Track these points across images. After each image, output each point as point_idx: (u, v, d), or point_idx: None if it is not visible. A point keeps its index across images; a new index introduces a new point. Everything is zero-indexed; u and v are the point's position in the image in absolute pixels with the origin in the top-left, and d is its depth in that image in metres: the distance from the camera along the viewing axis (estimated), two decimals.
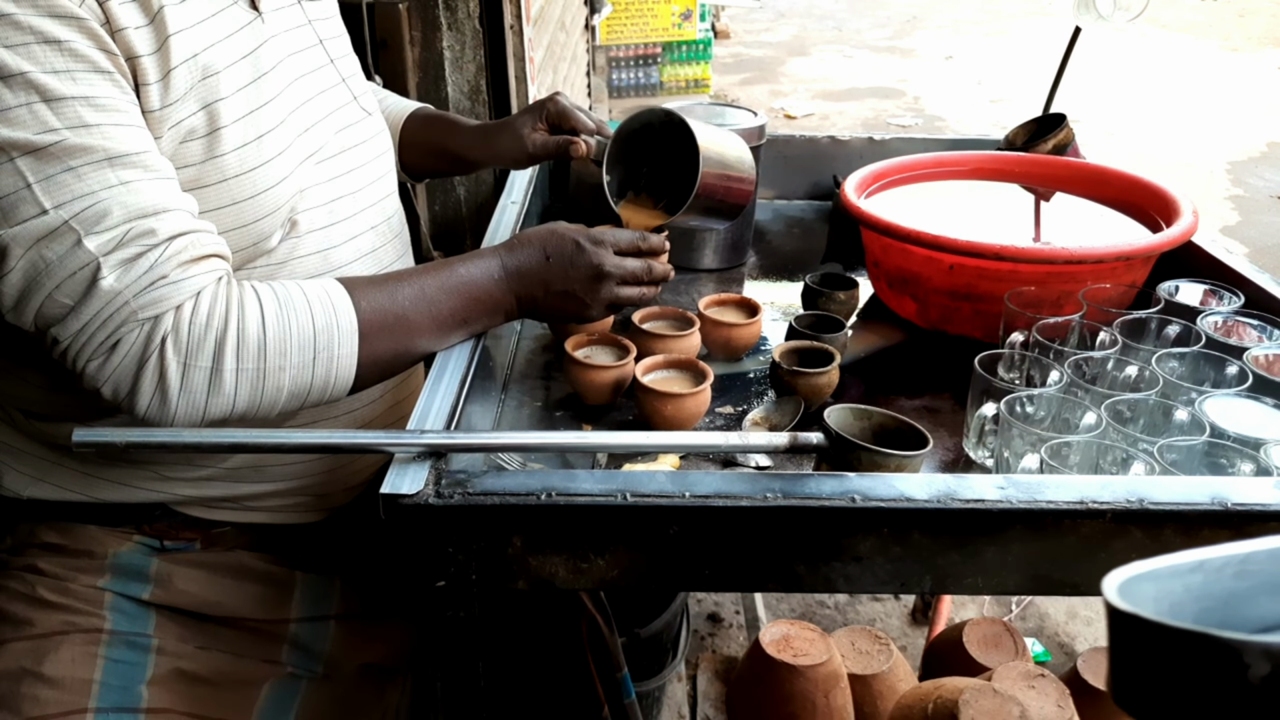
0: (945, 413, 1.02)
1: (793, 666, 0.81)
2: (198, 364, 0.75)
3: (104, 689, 0.86)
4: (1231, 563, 0.32)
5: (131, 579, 0.92)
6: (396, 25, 1.43)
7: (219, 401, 0.77)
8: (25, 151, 0.69)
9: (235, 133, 0.82)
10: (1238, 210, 4.84)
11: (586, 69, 4.32)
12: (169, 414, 0.76)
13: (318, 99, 0.95)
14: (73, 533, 0.92)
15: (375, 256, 1.01)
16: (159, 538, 0.93)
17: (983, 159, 1.41)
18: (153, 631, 0.91)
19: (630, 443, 0.86)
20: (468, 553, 0.72)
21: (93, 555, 0.91)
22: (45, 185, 0.70)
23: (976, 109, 6.66)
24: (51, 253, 0.70)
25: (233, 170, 0.82)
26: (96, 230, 0.71)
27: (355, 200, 0.98)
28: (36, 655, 0.86)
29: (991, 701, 0.68)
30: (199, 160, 0.80)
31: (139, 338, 0.73)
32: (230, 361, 0.76)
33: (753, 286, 1.38)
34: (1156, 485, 0.72)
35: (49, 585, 0.90)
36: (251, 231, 0.85)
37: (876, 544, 0.72)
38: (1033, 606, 2.22)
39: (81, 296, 0.71)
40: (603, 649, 1.19)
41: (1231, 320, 1.02)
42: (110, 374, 0.74)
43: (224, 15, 0.84)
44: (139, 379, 0.74)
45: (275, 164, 0.85)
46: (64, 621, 0.88)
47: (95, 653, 0.88)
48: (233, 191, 0.82)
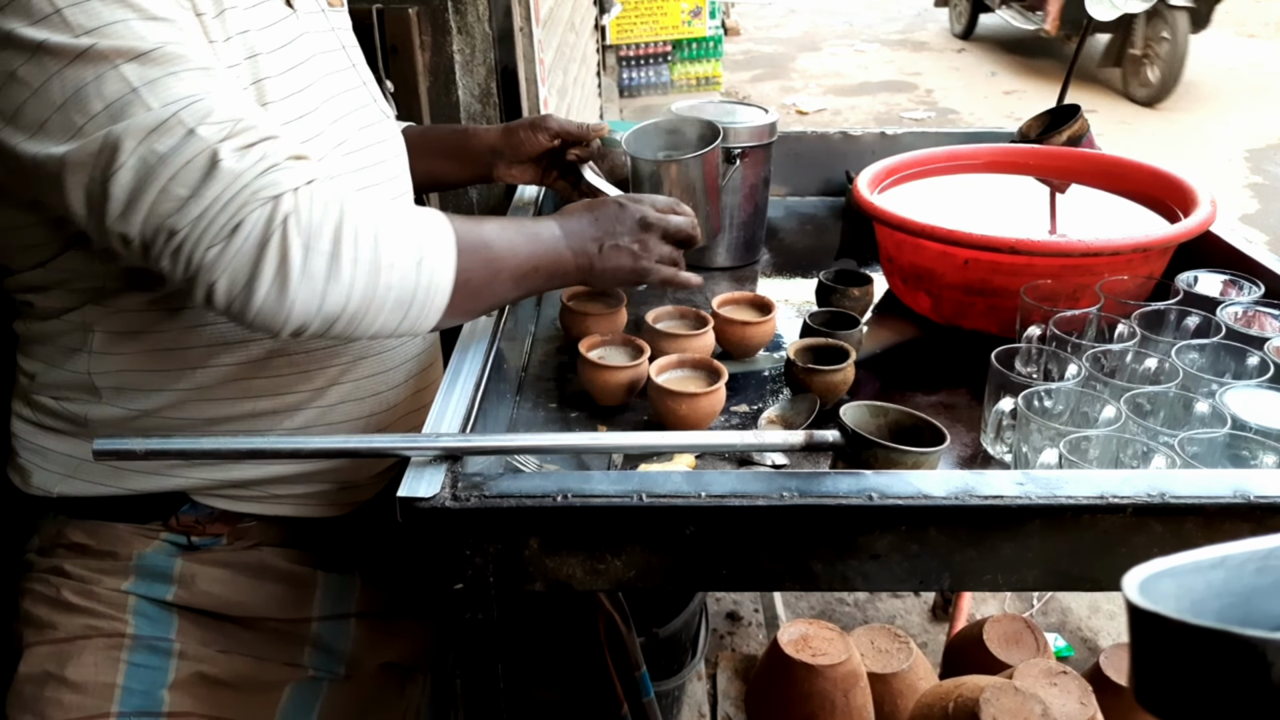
0: (962, 408, 1.01)
1: (811, 666, 0.81)
2: (319, 248, 0.74)
3: (126, 693, 0.87)
4: (1254, 559, 0.32)
5: (155, 580, 0.92)
6: (406, 30, 1.43)
7: (336, 291, 0.75)
8: (128, 58, 0.71)
9: (282, 110, 0.84)
10: (1257, 198, 4.79)
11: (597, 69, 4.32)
12: (287, 302, 0.73)
13: (344, 96, 0.97)
14: (99, 532, 0.92)
15: None
16: (186, 533, 0.94)
17: (996, 152, 1.40)
18: (174, 635, 0.92)
19: (645, 443, 0.86)
20: (485, 555, 0.73)
21: (117, 556, 0.92)
22: (151, 87, 0.71)
23: (990, 101, 6.62)
24: (163, 145, 0.70)
25: None
26: (207, 122, 0.72)
27: (379, 192, 1.00)
28: (60, 659, 0.87)
29: (1013, 700, 0.68)
30: None
31: (260, 218, 0.72)
32: (349, 249, 0.75)
33: (766, 284, 1.38)
34: (1177, 479, 0.71)
35: (73, 588, 0.90)
36: None
37: (894, 542, 0.71)
38: (1055, 601, 2.20)
39: (200, 182, 0.71)
40: (621, 648, 1.19)
41: (1252, 310, 1.01)
42: (230, 261, 0.72)
43: (266, 6, 0.87)
44: (260, 263, 0.72)
45: (315, 145, 0.88)
46: (87, 625, 0.89)
47: (118, 657, 0.88)
48: None
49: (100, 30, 0.70)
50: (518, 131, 1.25)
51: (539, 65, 1.68)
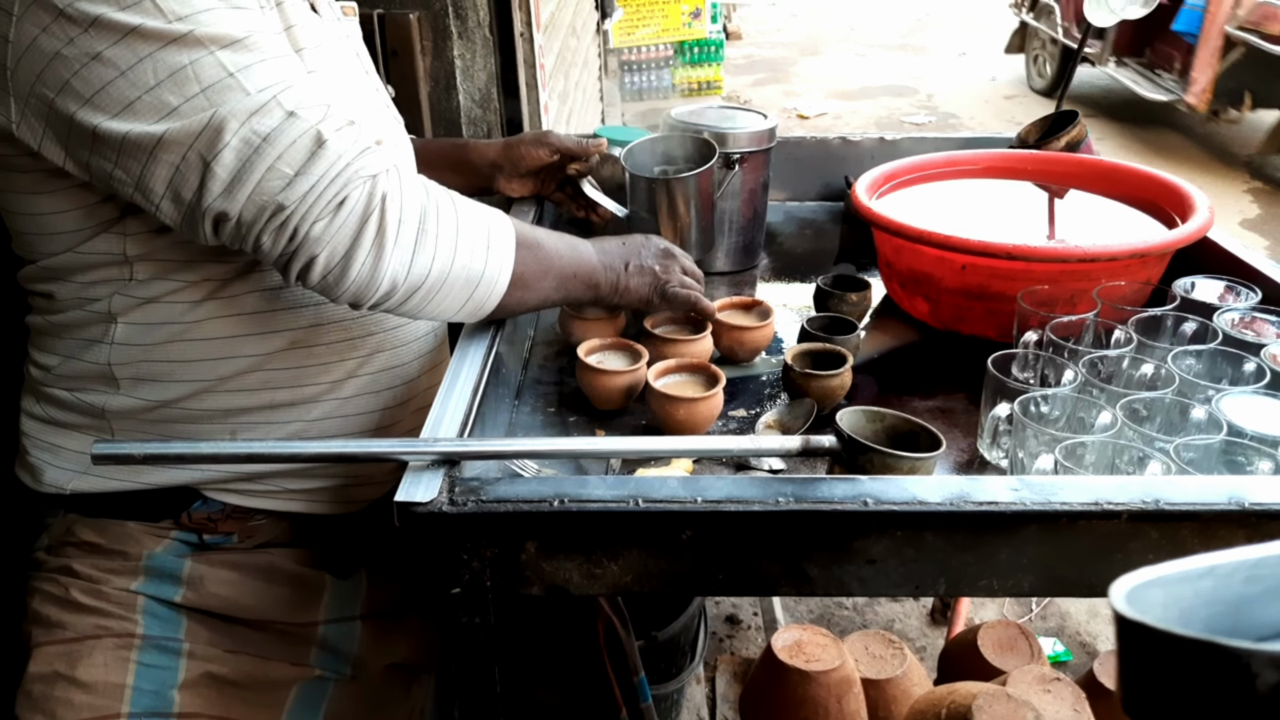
0: (959, 413, 1.01)
1: (805, 672, 0.81)
2: (410, 222, 0.80)
3: (136, 693, 0.88)
4: (1242, 568, 0.32)
5: (164, 581, 0.93)
6: (407, 35, 1.44)
7: (421, 262, 0.82)
8: (222, 45, 0.74)
9: None
10: (1257, 204, 4.79)
11: (598, 74, 4.33)
12: (382, 269, 0.79)
13: (363, 101, 0.99)
14: (109, 531, 0.93)
15: None
16: (198, 531, 0.94)
17: (995, 157, 1.40)
18: (183, 635, 0.92)
19: (643, 448, 0.86)
20: (482, 559, 0.73)
21: (127, 556, 0.92)
22: (246, 73, 0.75)
23: (991, 105, 6.63)
24: (265, 126, 0.74)
25: None
26: (305, 105, 0.76)
27: None
28: (69, 659, 0.88)
29: (1005, 707, 0.68)
30: None
31: (363, 194, 0.78)
32: (433, 226, 0.82)
33: (765, 289, 1.38)
34: (1172, 485, 0.71)
35: (82, 588, 0.91)
36: None
37: (890, 546, 0.71)
38: (1054, 606, 2.20)
39: (307, 159, 0.75)
40: (620, 653, 1.19)
41: (1249, 316, 1.01)
42: (333, 234, 0.77)
43: (298, 6, 0.90)
44: (360, 235, 0.78)
45: None
46: (96, 625, 0.89)
47: (128, 657, 0.89)
48: None
49: (193, 18, 0.73)
50: (518, 146, 1.29)
51: (540, 70, 1.69)
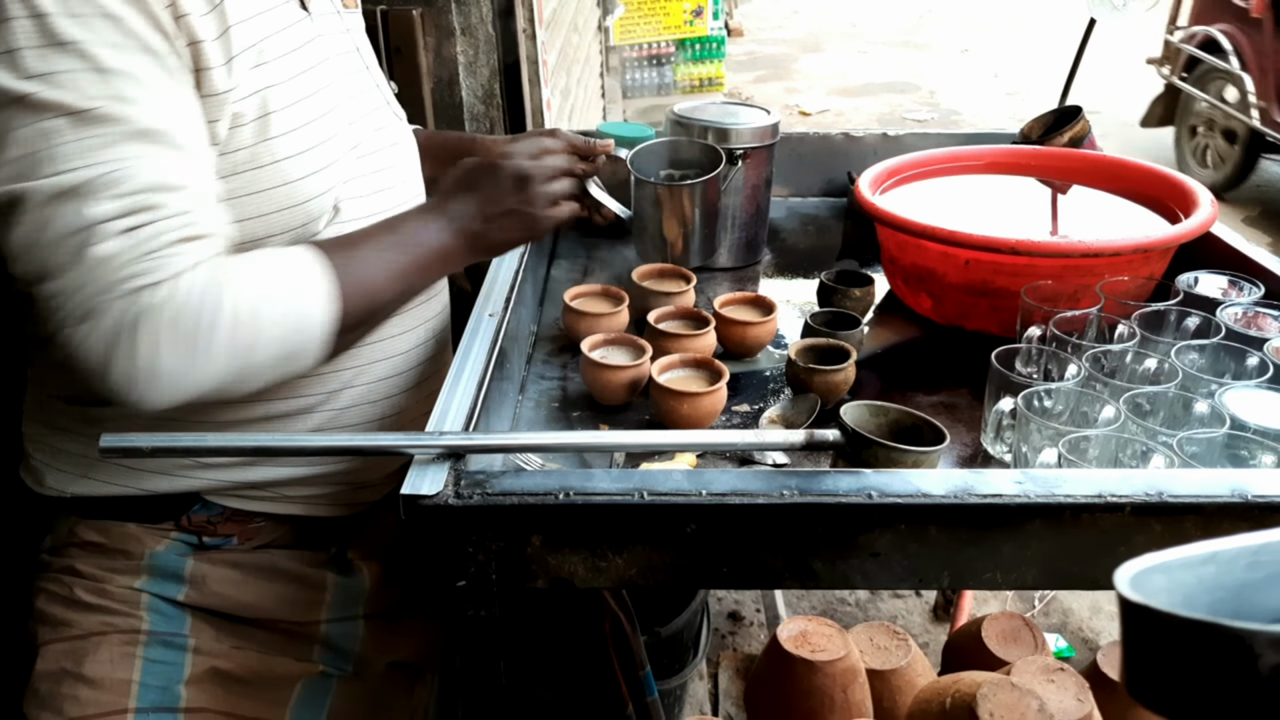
0: (962, 408, 1.01)
1: (810, 662, 0.81)
2: (183, 339, 0.74)
3: (143, 689, 0.88)
4: (1244, 554, 0.33)
5: (167, 580, 0.93)
6: (411, 31, 1.44)
7: (204, 375, 0.76)
8: (63, 113, 0.72)
9: (287, 118, 0.86)
10: (1259, 200, 4.78)
11: (600, 70, 4.33)
12: (137, 393, 0.74)
13: (358, 98, 0.99)
14: (111, 531, 0.93)
15: None
16: (198, 533, 0.95)
17: (998, 153, 1.40)
18: (188, 631, 0.93)
19: (647, 442, 0.87)
20: (487, 552, 0.73)
21: (129, 555, 0.93)
22: (73, 147, 0.72)
23: (993, 102, 6.62)
24: (60, 211, 0.72)
25: (284, 152, 0.86)
26: (105, 196, 0.72)
27: (394, 195, 1.01)
28: (76, 656, 0.88)
29: (1009, 695, 0.68)
30: (253, 142, 0.84)
31: (118, 310, 0.73)
32: (223, 335, 0.76)
33: (768, 284, 1.38)
34: (1175, 478, 0.72)
35: (86, 587, 0.91)
36: (301, 212, 0.88)
37: (894, 540, 0.72)
38: (1056, 602, 2.21)
39: (67, 262, 0.72)
40: (626, 647, 1.19)
41: (1251, 311, 1.01)
42: (81, 343, 0.73)
43: (279, 10, 0.89)
44: (112, 353, 0.73)
45: (323, 149, 0.89)
46: (102, 622, 0.90)
47: (134, 653, 0.89)
48: (285, 172, 0.86)
49: (48, 78, 0.71)
50: None
51: (542, 66, 1.69)
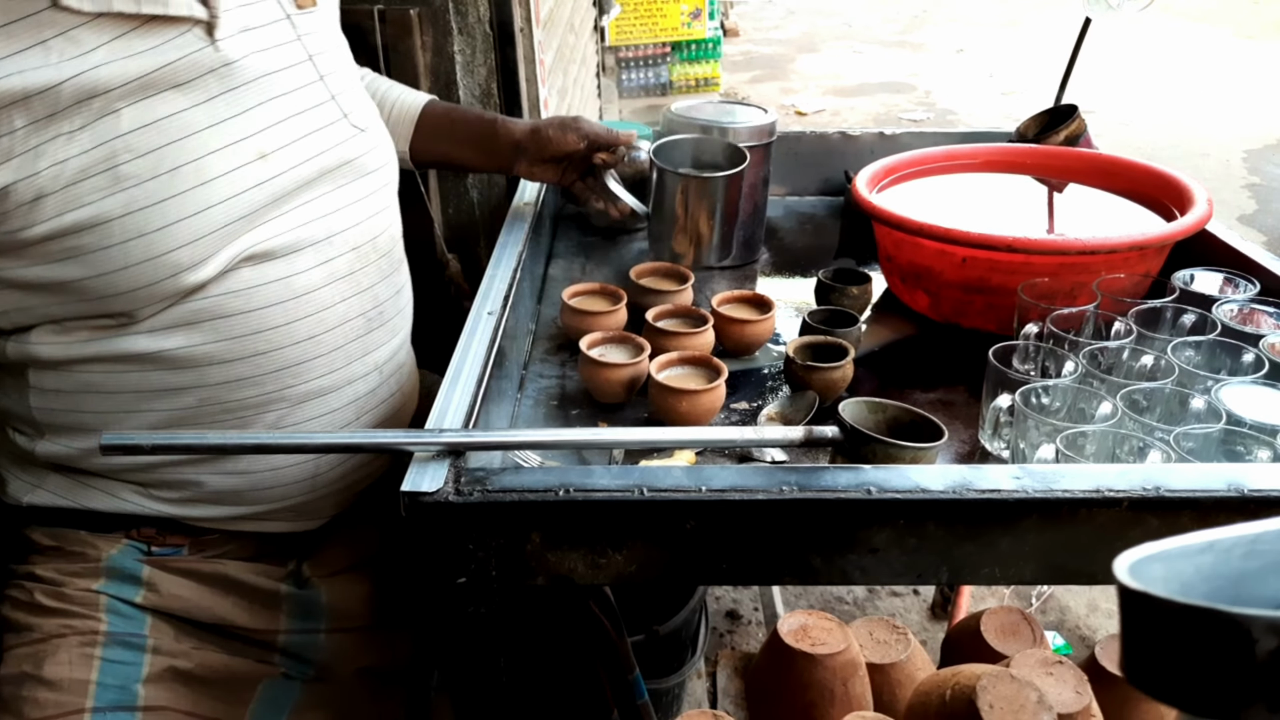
0: (960, 405, 1.02)
1: (811, 655, 0.82)
2: None
3: (100, 689, 0.88)
4: (1241, 543, 0.33)
5: (125, 582, 0.93)
6: (407, 31, 1.44)
7: None
8: None
9: (143, 165, 0.80)
10: (1254, 199, 4.79)
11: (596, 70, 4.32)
12: None
13: (293, 120, 0.90)
14: (67, 536, 0.94)
15: (352, 280, 0.96)
16: (147, 543, 0.95)
17: (994, 151, 1.41)
18: (148, 631, 0.92)
19: (646, 439, 0.87)
20: (487, 549, 0.73)
21: (86, 558, 0.93)
22: None
23: (988, 101, 6.63)
24: None
25: (140, 202, 0.80)
26: None
27: (329, 223, 0.94)
28: (36, 659, 0.88)
29: (1009, 687, 0.68)
30: (99, 197, 0.78)
31: None
32: None
33: (766, 283, 1.39)
34: (1172, 473, 0.72)
35: (45, 591, 0.91)
36: (167, 262, 0.82)
37: (892, 535, 0.72)
38: (1053, 600, 2.21)
39: None
40: (611, 653, 1.19)
41: (1247, 308, 1.02)
42: None
43: (165, 47, 0.81)
44: None
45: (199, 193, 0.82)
46: (61, 625, 0.90)
47: (92, 654, 0.89)
48: (140, 223, 0.80)
49: None
50: (546, 130, 1.24)
51: (539, 66, 1.69)
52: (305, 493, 0.99)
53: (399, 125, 1.24)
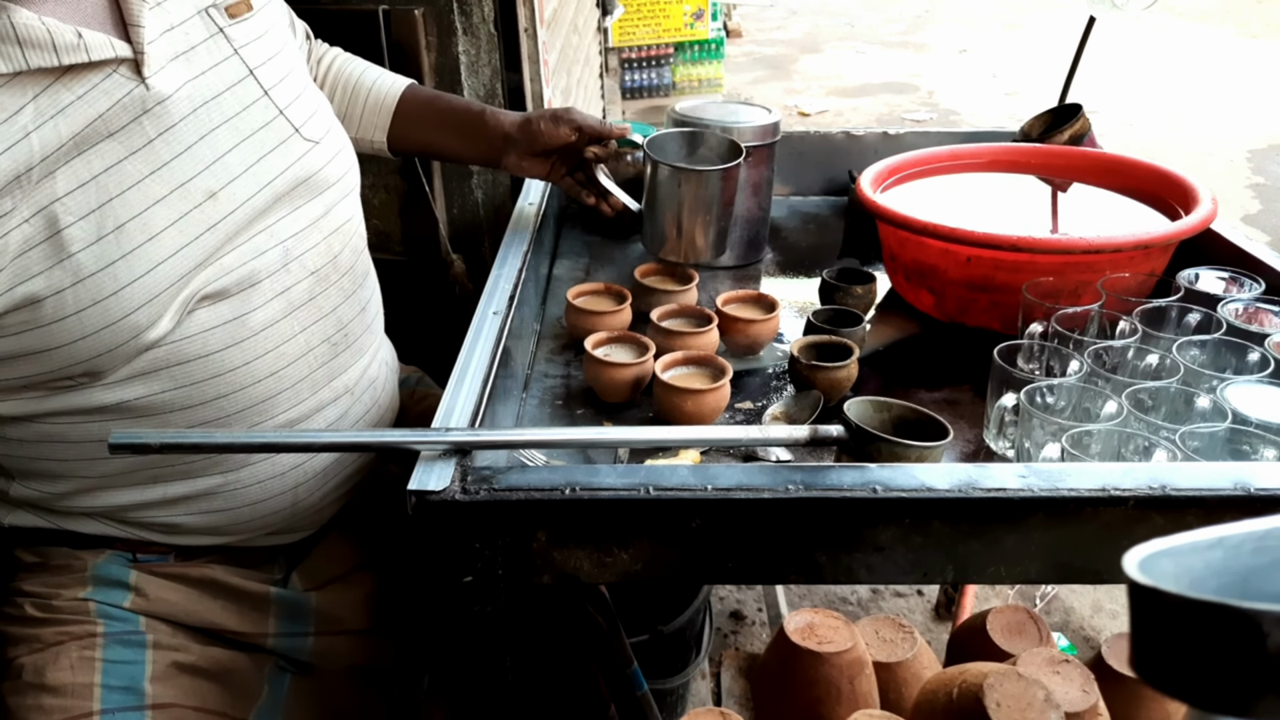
0: (965, 404, 1.02)
1: (817, 653, 0.82)
2: None
3: (105, 690, 0.88)
4: (1250, 539, 0.33)
5: (113, 588, 0.93)
6: (412, 31, 1.45)
7: None
8: None
9: (86, 228, 0.75)
10: (1259, 198, 4.79)
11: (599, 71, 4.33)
12: None
13: (242, 146, 0.85)
14: (48, 553, 0.94)
15: (313, 305, 0.92)
16: (132, 552, 0.95)
17: (998, 151, 1.41)
18: (144, 629, 0.92)
19: (652, 438, 0.87)
20: (493, 548, 0.74)
21: (71, 569, 0.93)
22: None
23: (992, 102, 6.62)
24: None
25: (89, 268, 0.76)
26: None
27: (287, 249, 0.89)
28: (37, 669, 0.88)
29: (1016, 685, 0.68)
30: (46, 267, 0.74)
31: None
32: None
33: (770, 283, 1.39)
34: (1178, 471, 0.72)
35: (35, 604, 0.91)
36: (126, 325, 0.78)
37: (898, 534, 0.72)
38: (1057, 600, 2.21)
39: None
40: (606, 648, 1.18)
41: (1252, 307, 1.02)
42: None
43: (92, 94, 0.75)
44: None
45: (148, 249, 0.78)
46: (59, 633, 0.90)
47: (93, 657, 0.89)
48: (93, 291, 0.76)
49: None
50: (537, 123, 1.19)
51: (543, 66, 1.69)
52: (285, 520, 0.99)
53: (375, 114, 1.18)
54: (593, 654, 1.17)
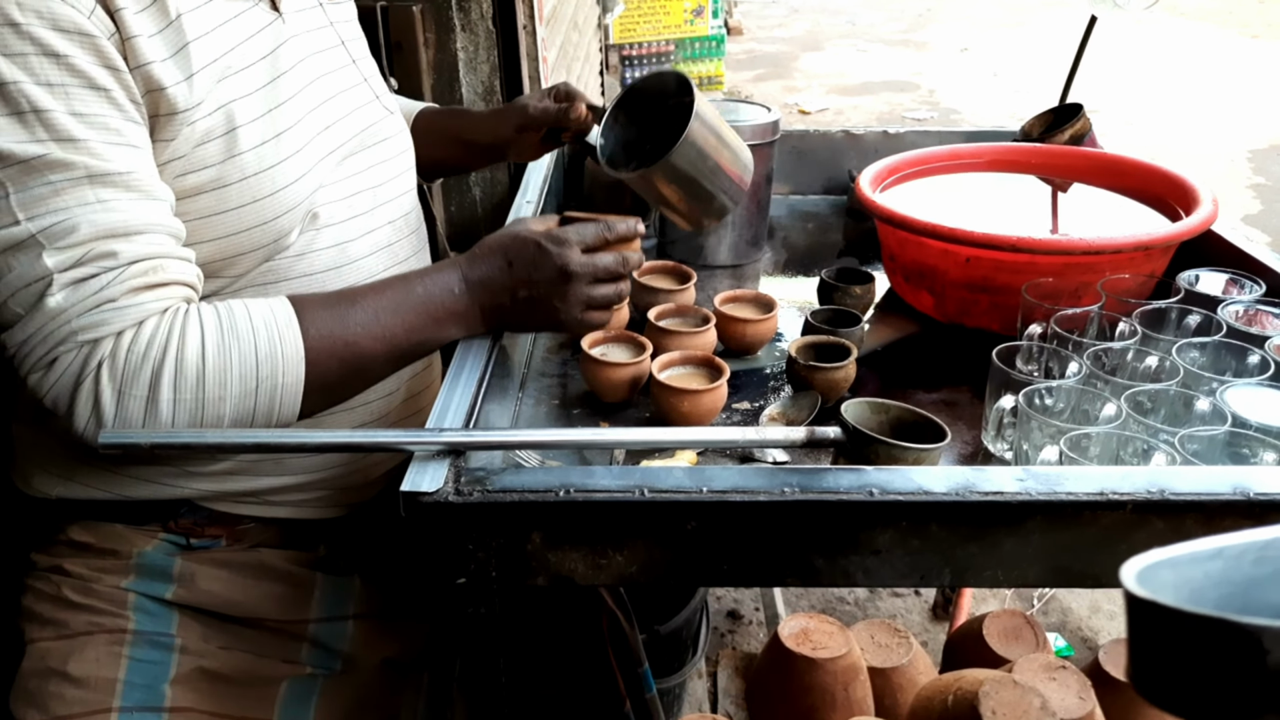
0: (963, 406, 1.01)
1: (812, 659, 0.81)
2: (133, 393, 0.75)
3: (128, 688, 0.88)
4: (1251, 549, 0.32)
5: (155, 579, 0.93)
6: (411, 27, 1.44)
7: (157, 424, 0.77)
8: (9, 162, 0.70)
9: (254, 131, 0.84)
10: (1260, 199, 4.78)
11: (600, 68, 4.32)
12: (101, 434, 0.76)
13: (339, 97, 0.97)
14: (100, 530, 0.93)
15: (391, 251, 1.02)
16: (185, 535, 0.95)
17: (998, 150, 1.40)
18: (175, 631, 0.92)
19: (648, 439, 0.86)
20: (487, 549, 0.73)
21: (118, 555, 0.93)
22: (22, 196, 0.71)
23: (993, 101, 6.62)
24: (16, 261, 0.72)
25: (252, 168, 0.84)
26: (60, 246, 0.72)
27: (374, 195, 1.00)
28: (62, 655, 0.88)
29: (1012, 693, 0.68)
30: (219, 160, 0.82)
31: (76, 360, 0.74)
32: (166, 392, 0.76)
33: (768, 282, 1.38)
34: (1177, 475, 0.71)
35: (74, 586, 0.91)
36: (273, 228, 0.87)
37: (895, 537, 0.71)
38: (1055, 602, 2.20)
39: (30, 309, 0.73)
40: (624, 644, 1.19)
41: (1253, 309, 1.01)
42: (49, 389, 0.75)
43: (245, 17, 0.87)
44: (75, 400, 0.75)
45: (294, 161, 0.87)
46: (89, 622, 0.90)
47: (120, 652, 0.89)
48: (253, 189, 0.84)
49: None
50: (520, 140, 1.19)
51: (542, 64, 1.69)
52: (343, 462, 1.00)
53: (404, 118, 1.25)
54: (611, 649, 1.18)
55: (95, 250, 0.73)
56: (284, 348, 0.80)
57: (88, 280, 0.73)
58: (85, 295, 0.73)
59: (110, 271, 0.74)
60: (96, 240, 0.73)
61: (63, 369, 0.75)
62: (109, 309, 0.74)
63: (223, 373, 0.78)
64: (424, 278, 0.90)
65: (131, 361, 0.75)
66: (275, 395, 0.81)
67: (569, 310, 0.92)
